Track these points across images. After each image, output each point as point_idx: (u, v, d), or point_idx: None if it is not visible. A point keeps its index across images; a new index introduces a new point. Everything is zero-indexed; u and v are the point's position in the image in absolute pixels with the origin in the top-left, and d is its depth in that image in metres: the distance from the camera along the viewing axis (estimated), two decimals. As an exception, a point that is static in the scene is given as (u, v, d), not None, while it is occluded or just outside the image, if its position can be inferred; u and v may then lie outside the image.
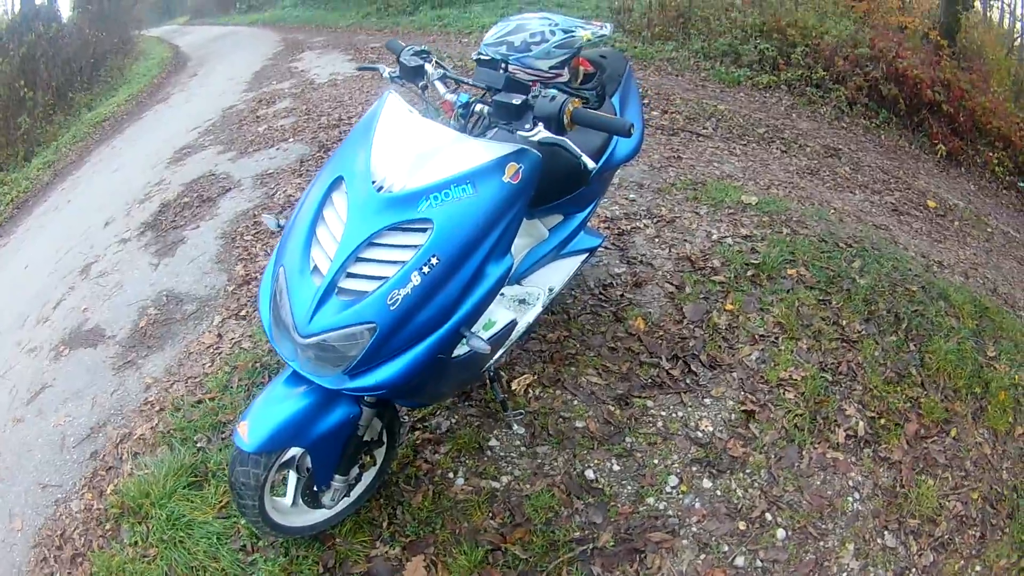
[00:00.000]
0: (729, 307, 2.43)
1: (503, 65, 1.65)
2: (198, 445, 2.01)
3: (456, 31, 8.04)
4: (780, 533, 1.74)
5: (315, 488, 1.49)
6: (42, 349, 2.91)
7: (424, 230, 1.22)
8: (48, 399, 2.52)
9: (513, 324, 1.65)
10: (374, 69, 1.71)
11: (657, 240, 2.81)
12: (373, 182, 1.26)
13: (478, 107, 1.40)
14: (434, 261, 1.20)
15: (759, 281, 2.57)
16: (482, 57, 1.69)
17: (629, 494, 1.81)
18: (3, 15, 11.17)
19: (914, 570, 1.76)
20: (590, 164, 1.33)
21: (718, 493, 1.82)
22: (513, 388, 2.08)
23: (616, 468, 1.87)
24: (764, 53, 6.04)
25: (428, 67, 1.60)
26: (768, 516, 1.78)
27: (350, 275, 1.21)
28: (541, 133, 1.28)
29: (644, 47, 6.42)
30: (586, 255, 2.11)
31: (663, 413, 2.03)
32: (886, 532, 1.81)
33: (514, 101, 1.29)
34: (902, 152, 5.55)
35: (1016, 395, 2.36)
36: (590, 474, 1.85)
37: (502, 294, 1.81)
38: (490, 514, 1.75)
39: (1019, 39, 9.90)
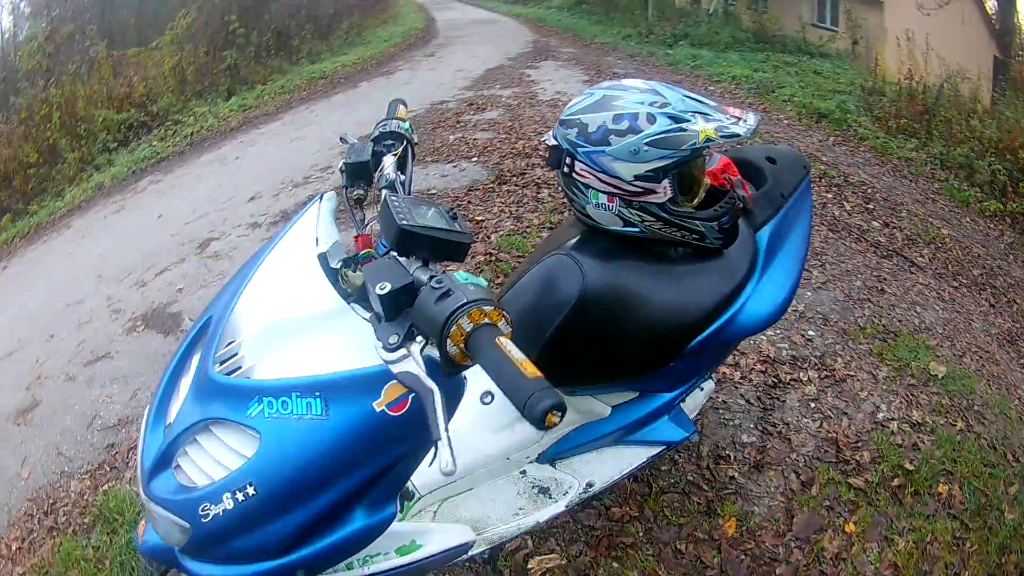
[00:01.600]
0: (851, 527, 1.78)
1: (567, 161, 1.13)
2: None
3: (705, 76, 7.13)
4: None
5: None
6: (123, 315, 3.17)
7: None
8: (102, 370, 2.73)
9: (466, 547, 1.21)
10: (344, 142, 1.26)
11: (813, 406, 2.19)
12: (217, 349, 0.94)
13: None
14: (250, 491, 0.86)
15: (902, 496, 1.88)
16: (550, 142, 1.18)
17: None
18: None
19: None
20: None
21: None
22: (528, 567, 1.61)
23: None
24: (996, 174, 4.85)
25: (386, 161, 1.14)
26: None
27: (186, 454, 0.94)
28: (410, 362, 0.75)
29: (885, 139, 5.43)
30: (661, 449, 1.48)
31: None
32: None
33: (379, 288, 0.75)
34: None
35: None
36: None
37: (523, 471, 1.38)
38: None
39: None
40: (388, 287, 0.74)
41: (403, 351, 0.74)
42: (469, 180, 3.84)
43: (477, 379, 1.10)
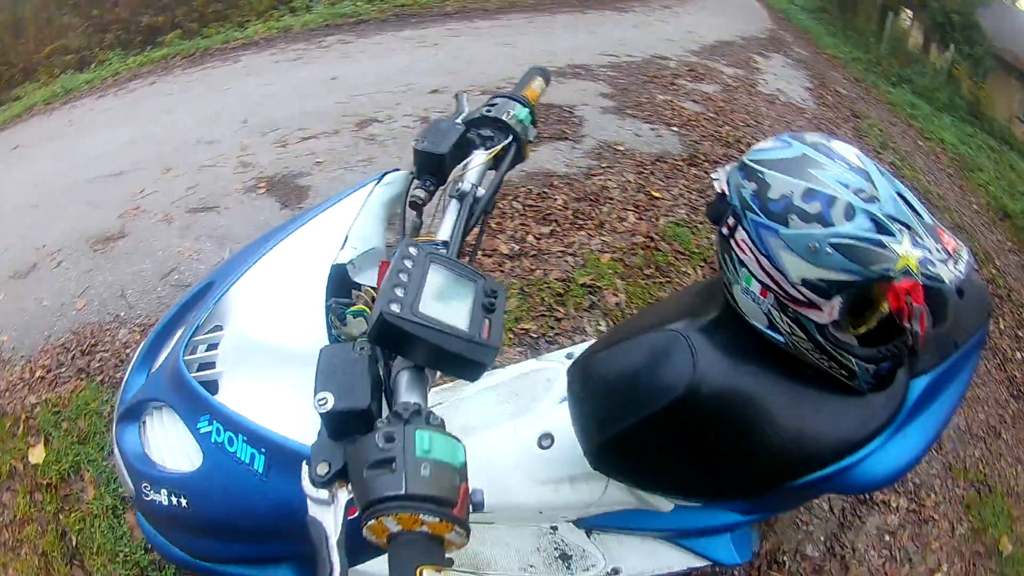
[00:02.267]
0: None
1: (729, 222, 0.87)
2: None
3: (918, 129, 6.44)
4: None
5: None
6: (250, 171, 3.09)
7: None
8: (202, 222, 2.70)
9: None
10: (458, 104, 0.99)
11: (887, 539, 1.99)
12: (197, 332, 0.87)
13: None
14: (183, 503, 0.82)
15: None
16: (718, 186, 0.90)
17: None
18: None
19: None
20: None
21: None
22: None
23: None
24: None
25: (473, 159, 0.85)
26: None
27: (152, 416, 0.91)
28: (328, 514, 0.54)
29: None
30: (707, 564, 1.27)
31: None
32: None
33: (319, 400, 0.55)
34: None
35: None
36: None
37: (554, 527, 1.21)
38: None
39: None
40: (329, 404, 0.54)
41: (327, 493, 0.54)
42: (660, 149, 3.49)
43: (542, 416, 1.02)
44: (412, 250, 0.63)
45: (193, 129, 3.73)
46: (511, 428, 1.09)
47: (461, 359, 0.58)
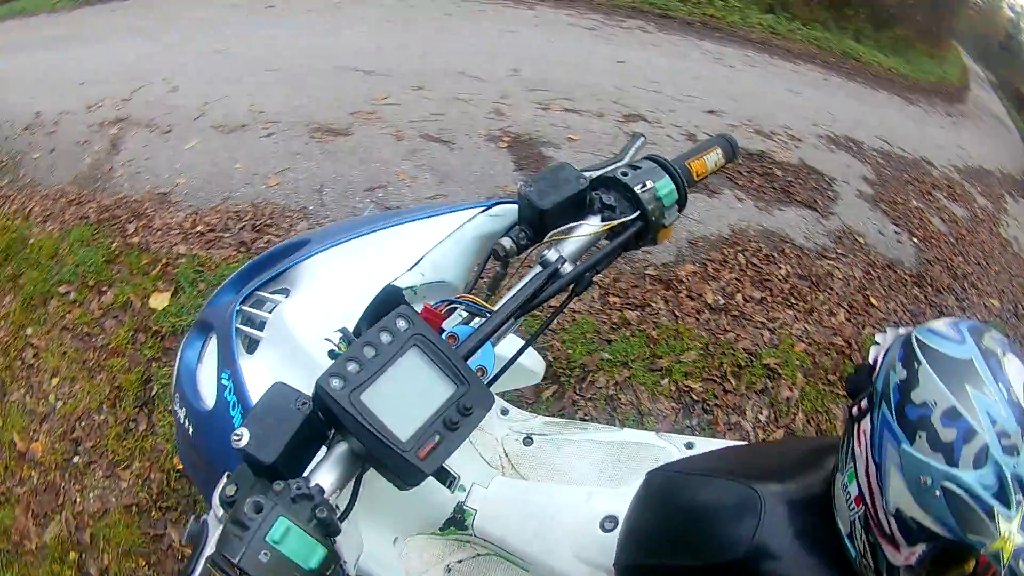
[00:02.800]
0: None
1: (862, 404, 0.72)
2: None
3: None
4: None
5: None
6: (500, 120, 3.10)
7: None
8: (429, 154, 2.70)
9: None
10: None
11: None
12: (269, 285, 0.90)
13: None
14: (190, 430, 0.89)
15: None
16: (873, 354, 0.74)
17: None
18: None
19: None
20: None
21: None
22: None
23: None
24: None
25: (584, 227, 0.74)
26: None
27: (209, 343, 0.98)
28: (213, 528, 0.56)
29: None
30: None
31: None
32: None
33: (235, 436, 0.54)
34: None
35: None
36: None
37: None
38: None
39: None
40: (242, 442, 0.52)
41: (222, 512, 0.52)
42: (895, 256, 3.12)
43: (622, 497, 0.92)
44: (400, 323, 0.56)
45: (463, 60, 3.82)
46: (588, 493, 1.03)
47: (383, 466, 0.54)
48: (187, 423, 0.87)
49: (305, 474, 0.53)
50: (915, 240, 3.47)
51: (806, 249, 2.80)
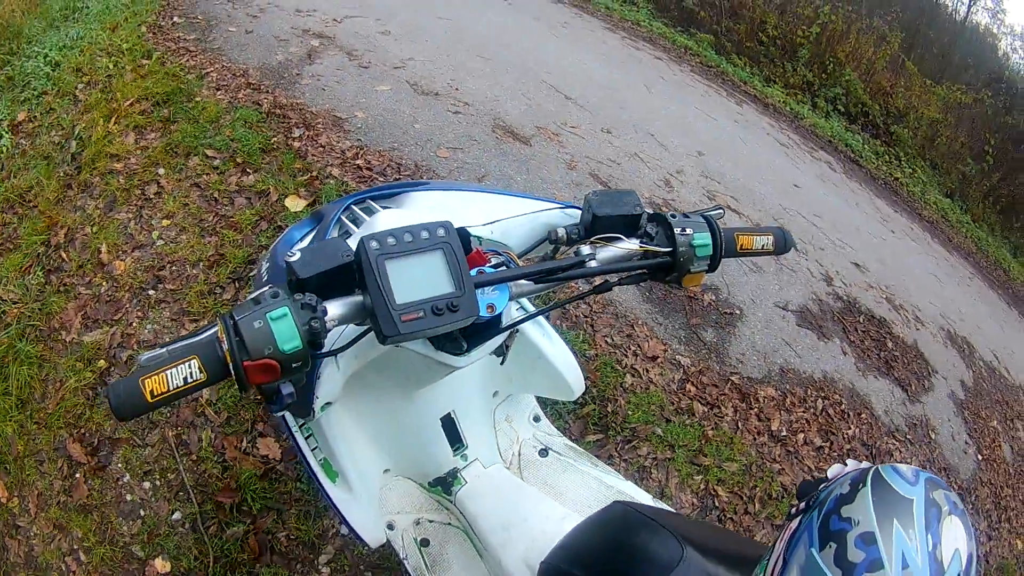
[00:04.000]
0: None
1: (800, 504, 0.73)
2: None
3: None
4: None
5: None
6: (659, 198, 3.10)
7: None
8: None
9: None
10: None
11: None
12: (376, 195, 1.03)
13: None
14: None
15: None
16: (833, 470, 0.75)
17: None
18: None
19: None
20: None
21: None
22: None
23: None
24: None
25: (623, 242, 0.86)
26: None
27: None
28: None
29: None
30: None
31: None
32: None
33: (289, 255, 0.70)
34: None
35: None
36: None
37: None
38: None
39: None
40: (294, 257, 0.66)
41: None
42: (961, 475, 3.03)
43: (573, 522, 0.99)
44: (440, 231, 0.70)
45: (657, 124, 3.79)
46: (564, 514, 1.06)
47: (375, 316, 0.65)
48: (266, 276, 0.99)
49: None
50: (980, 456, 3.38)
51: (881, 422, 2.77)
